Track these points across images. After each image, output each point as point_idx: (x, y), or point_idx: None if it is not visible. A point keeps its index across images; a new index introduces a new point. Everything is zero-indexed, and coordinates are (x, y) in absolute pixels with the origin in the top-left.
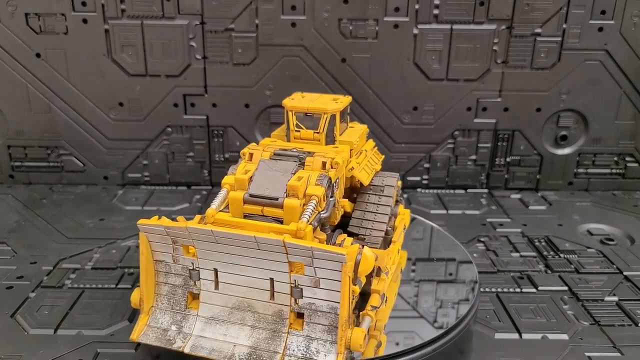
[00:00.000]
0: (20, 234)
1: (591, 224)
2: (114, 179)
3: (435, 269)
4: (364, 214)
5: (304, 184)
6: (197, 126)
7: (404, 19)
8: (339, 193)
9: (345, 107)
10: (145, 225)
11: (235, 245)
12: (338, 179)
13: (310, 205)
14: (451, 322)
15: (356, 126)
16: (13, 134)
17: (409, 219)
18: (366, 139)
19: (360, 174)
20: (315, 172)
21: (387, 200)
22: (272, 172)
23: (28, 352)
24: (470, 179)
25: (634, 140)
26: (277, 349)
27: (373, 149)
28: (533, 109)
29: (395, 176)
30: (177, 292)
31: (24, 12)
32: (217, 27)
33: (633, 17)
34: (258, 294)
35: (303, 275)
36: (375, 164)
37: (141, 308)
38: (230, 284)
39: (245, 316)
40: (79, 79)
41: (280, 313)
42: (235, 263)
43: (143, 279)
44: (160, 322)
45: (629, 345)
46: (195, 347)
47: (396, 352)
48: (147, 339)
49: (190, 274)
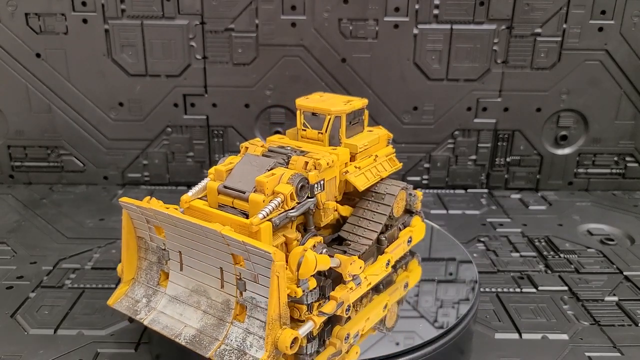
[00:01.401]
0: (20, 234)
1: (591, 224)
2: (114, 179)
3: (435, 269)
4: (358, 220)
5: (273, 181)
6: (197, 126)
7: (404, 19)
8: (325, 195)
9: (354, 110)
10: (125, 203)
11: (191, 232)
12: (323, 181)
13: (273, 203)
14: (451, 322)
15: (375, 130)
16: (13, 134)
17: (420, 234)
18: (388, 144)
19: (357, 179)
20: (292, 171)
21: (385, 209)
22: (250, 166)
23: (28, 352)
24: (470, 179)
25: (634, 140)
26: (218, 337)
27: (389, 156)
28: (533, 109)
29: (400, 185)
30: (153, 268)
31: (24, 12)
32: (217, 27)
33: (633, 17)
34: (211, 280)
35: (245, 269)
36: (382, 171)
37: (121, 278)
38: (191, 267)
39: (200, 300)
40: (79, 79)
41: (228, 303)
42: (194, 248)
43: (124, 252)
44: (135, 294)
45: (629, 345)
46: (153, 321)
47: (396, 352)
48: (120, 307)
49: (162, 253)
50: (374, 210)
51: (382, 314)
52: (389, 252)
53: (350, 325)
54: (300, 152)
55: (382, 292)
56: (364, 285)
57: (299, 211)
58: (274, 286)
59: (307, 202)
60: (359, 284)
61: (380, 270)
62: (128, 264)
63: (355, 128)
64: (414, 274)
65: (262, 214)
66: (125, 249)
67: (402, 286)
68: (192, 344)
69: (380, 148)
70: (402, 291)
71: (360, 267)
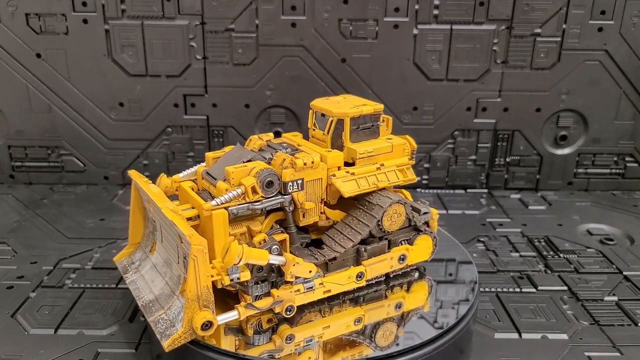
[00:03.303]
0: (20, 234)
1: (591, 224)
2: (114, 179)
3: (435, 269)
4: (343, 227)
5: (240, 172)
6: (197, 126)
7: (404, 19)
8: (304, 195)
9: (363, 114)
10: (131, 175)
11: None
12: (302, 180)
13: (232, 193)
14: (451, 321)
15: (395, 139)
16: (13, 134)
17: (422, 255)
18: (410, 154)
19: (344, 184)
20: (264, 165)
21: (371, 220)
22: (232, 157)
23: (28, 352)
24: (470, 179)
25: (633, 140)
26: (164, 306)
27: (400, 167)
28: (533, 109)
29: (393, 199)
30: (149, 237)
31: (24, 12)
32: (217, 27)
33: (633, 17)
34: (174, 255)
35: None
36: (383, 181)
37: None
38: (164, 240)
39: (167, 271)
40: (79, 79)
41: (179, 278)
42: (163, 224)
43: (130, 218)
44: (134, 256)
45: (629, 345)
46: (132, 282)
47: (396, 352)
48: (119, 265)
49: (154, 224)
50: (360, 219)
51: (352, 327)
52: (366, 265)
53: (303, 328)
54: (293, 150)
55: (362, 305)
56: (318, 291)
57: (265, 205)
58: (190, 267)
59: (277, 198)
60: (310, 288)
61: (345, 280)
62: (132, 229)
63: (366, 133)
64: (413, 296)
65: (216, 201)
66: (131, 214)
67: (394, 305)
68: (144, 308)
69: (393, 158)
70: (390, 309)
71: (309, 271)
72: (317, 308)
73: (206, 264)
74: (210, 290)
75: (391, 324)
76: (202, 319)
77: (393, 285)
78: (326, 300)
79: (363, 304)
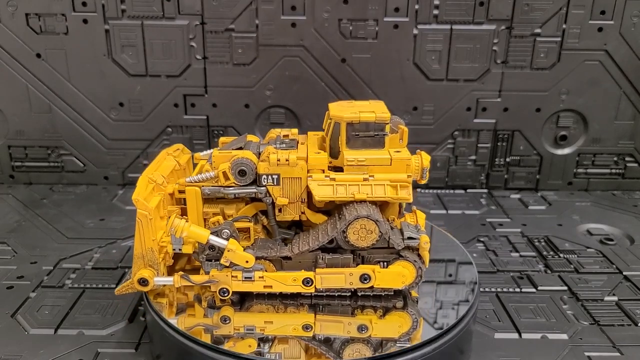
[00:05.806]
0: (20, 234)
1: (591, 224)
2: (114, 179)
3: (434, 270)
4: (313, 231)
5: (222, 157)
6: (198, 126)
7: (404, 19)
8: (280, 191)
9: (361, 121)
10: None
11: None
12: (278, 176)
13: (205, 174)
14: (451, 322)
15: (401, 153)
16: (13, 134)
17: (392, 281)
18: (419, 173)
19: (318, 188)
20: (243, 155)
21: (333, 230)
22: (232, 144)
23: (28, 352)
24: (470, 179)
25: (633, 140)
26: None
27: (394, 183)
28: (533, 109)
29: (363, 214)
30: None
31: (24, 13)
32: (217, 27)
33: (633, 17)
34: None
35: None
36: (361, 194)
37: None
38: None
39: None
40: (79, 79)
41: None
42: None
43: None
44: None
45: (629, 345)
46: None
47: (396, 352)
48: None
49: None
50: (326, 227)
51: (300, 332)
52: (317, 273)
53: (245, 316)
54: (289, 146)
55: (318, 313)
56: (258, 283)
57: (237, 192)
58: (136, 229)
59: (251, 188)
60: (248, 278)
61: (289, 281)
62: None
63: (368, 142)
64: (384, 324)
65: (191, 178)
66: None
67: (357, 325)
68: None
69: (390, 172)
70: (351, 328)
71: (247, 261)
72: (271, 303)
73: (150, 228)
74: (155, 252)
75: (362, 345)
76: (140, 275)
77: (364, 305)
78: (282, 298)
79: (320, 313)
